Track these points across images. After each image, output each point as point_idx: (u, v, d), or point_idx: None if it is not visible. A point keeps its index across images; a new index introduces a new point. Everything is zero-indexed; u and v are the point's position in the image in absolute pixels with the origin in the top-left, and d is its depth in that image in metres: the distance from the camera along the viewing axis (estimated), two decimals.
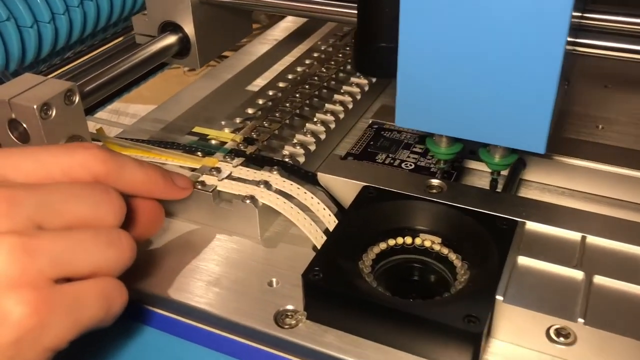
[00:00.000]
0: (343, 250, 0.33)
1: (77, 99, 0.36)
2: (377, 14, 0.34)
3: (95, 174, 0.29)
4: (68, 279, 0.26)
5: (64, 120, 0.35)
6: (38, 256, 0.24)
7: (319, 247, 0.37)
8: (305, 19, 0.69)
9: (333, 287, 0.31)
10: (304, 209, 0.38)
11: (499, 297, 0.30)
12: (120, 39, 0.66)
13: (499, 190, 0.38)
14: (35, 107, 0.34)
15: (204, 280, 0.35)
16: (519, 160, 0.39)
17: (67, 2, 0.52)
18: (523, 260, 0.32)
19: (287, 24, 0.69)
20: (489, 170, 0.39)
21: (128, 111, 1.02)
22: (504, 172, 0.41)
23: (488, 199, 0.36)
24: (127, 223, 0.30)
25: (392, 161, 0.41)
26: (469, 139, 0.32)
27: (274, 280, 0.35)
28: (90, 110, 0.61)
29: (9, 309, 0.24)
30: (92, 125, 0.44)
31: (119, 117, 1.03)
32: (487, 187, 0.38)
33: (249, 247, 0.38)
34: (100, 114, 0.66)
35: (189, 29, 0.45)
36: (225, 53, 0.58)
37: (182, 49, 0.46)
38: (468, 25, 0.29)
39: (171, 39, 0.46)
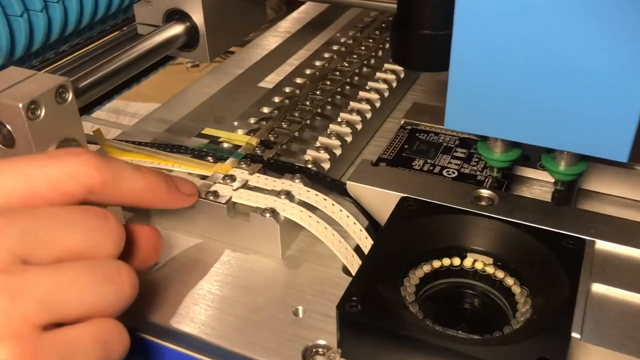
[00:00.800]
0: (382, 275, 0.28)
1: (70, 96, 0.31)
2: None
3: (88, 185, 0.24)
4: (58, 324, 0.21)
5: (55, 121, 0.30)
6: (22, 298, 0.20)
7: (349, 268, 0.32)
8: (316, 12, 0.64)
9: (374, 321, 0.26)
10: (331, 223, 0.33)
11: (575, 335, 0.25)
12: (118, 32, 0.61)
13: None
14: (20, 105, 0.29)
15: (216, 308, 0.30)
16: None
17: None
18: (597, 288, 0.27)
19: (300, 15, 0.64)
20: (545, 179, 0.35)
21: (128, 110, 0.96)
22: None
23: (550, 214, 0.30)
24: (123, 253, 0.25)
25: (431, 168, 0.36)
26: (534, 145, 0.27)
27: (300, 308, 0.30)
28: (86, 110, 0.56)
29: None
30: (88, 127, 0.39)
31: (118, 117, 0.98)
32: (544, 199, 0.33)
33: (268, 268, 0.33)
34: (98, 113, 0.61)
35: (198, 17, 0.40)
36: (232, 48, 0.53)
37: (190, 40, 0.41)
38: (548, 15, 0.24)
39: (178, 29, 0.40)
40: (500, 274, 0.30)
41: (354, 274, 0.32)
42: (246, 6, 0.44)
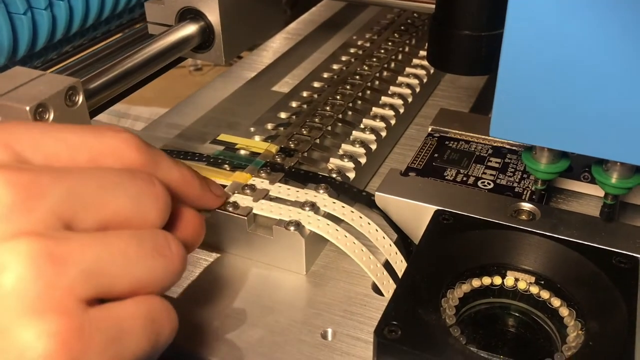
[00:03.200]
0: (421, 296, 0.26)
1: (80, 99, 0.29)
2: None
3: (127, 164, 0.22)
4: (102, 300, 0.19)
5: None
6: (67, 268, 0.18)
7: (379, 286, 0.30)
8: (328, 14, 0.62)
9: (418, 348, 0.23)
10: (358, 236, 0.31)
11: None
12: (121, 35, 0.58)
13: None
14: (27, 108, 0.26)
15: (236, 329, 0.28)
16: None
17: None
18: None
19: (312, 17, 0.62)
20: (586, 193, 0.32)
21: (130, 113, 0.94)
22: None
23: (598, 229, 0.28)
24: (169, 230, 0.23)
25: (464, 178, 0.33)
26: (588, 155, 0.25)
27: (329, 331, 0.28)
28: (91, 114, 0.53)
29: (29, 343, 0.17)
30: None
31: (119, 121, 0.95)
32: (589, 213, 0.31)
33: (292, 285, 0.30)
34: (100, 117, 0.59)
35: (213, 16, 0.38)
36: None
37: (204, 41, 0.39)
38: (604, 19, 0.22)
39: (191, 29, 0.38)
40: (545, 294, 0.28)
41: (384, 292, 0.30)
42: (262, 6, 0.42)
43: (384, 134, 0.38)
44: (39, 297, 0.17)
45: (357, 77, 0.44)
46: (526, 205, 0.30)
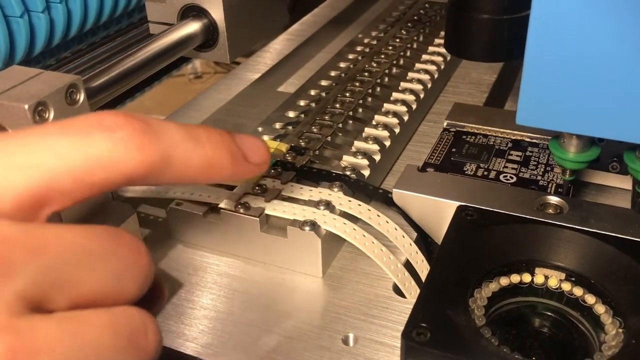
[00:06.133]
0: (449, 296, 0.24)
1: (81, 97, 0.28)
2: None
3: (127, 173, 0.18)
4: None
5: None
6: None
7: (401, 287, 0.29)
8: (332, 14, 0.60)
9: (449, 350, 0.22)
10: (376, 236, 0.29)
11: None
12: (121, 38, 0.57)
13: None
14: (26, 107, 0.25)
15: (252, 336, 0.26)
16: None
17: None
18: None
19: (315, 18, 0.61)
20: (615, 186, 0.31)
21: None
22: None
23: (632, 222, 0.27)
24: None
25: (485, 173, 0.32)
26: (621, 141, 0.24)
27: (351, 336, 0.26)
28: None
29: None
30: None
31: None
32: (620, 205, 0.29)
33: (309, 288, 0.29)
34: None
35: (217, 13, 0.37)
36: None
37: (208, 39, 0.38)
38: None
39: (194, 26, 0.37)
40: (578, 291, 0.26)
41: (406, 294, 0.28)
42: (267, 3, 0.41)
43: (397, 130, 0.37)
44: None
45: (366, 74, 0.42)
46: (553, 199, 0.29)
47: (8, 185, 0.16)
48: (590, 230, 0.27)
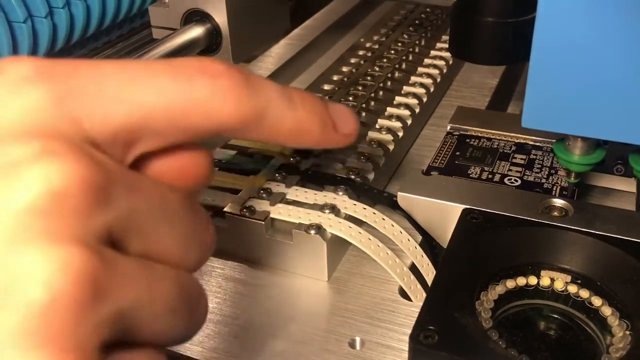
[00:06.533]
0: (456, 299, 0.24)
1: None
2: None
3: (218, 124, 0.17)
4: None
5: None
6: (102, 306, 0.14)
7: (406, 290, 0.29)
8: (332, 20, 0.60)
9: (457, 353, 0.22)
10: (382, 239, 0.29)
11: None
12: (122, 43, 0.57)
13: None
14: None
15: (257, 340, 0.26)
16: None
17: None
18: None
19: (315, 23, 0.61)
20: (620, 189, 0.31)
21: None
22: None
23: (637, 223, 0.27)
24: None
25: (490, 176, 0.32)
26: (628, 143, 0.24)
27: (357, 339, 0.26)
28: None
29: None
30: None
31: None
32: (625, 208, 0.29)
33: (314, 292, 0.29)
34: None
35: (221, 18, 0.37)
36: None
37: (211, 44, 0.38)
38: None
39: (198, 31, 0.37)
40: (584, 294, 0.26)
41: (412, 297, 0.28)
42: (269, 7, 0.41)
43: (401, 133, 0.37)
44: (65, 331, 0.14)
45: (369, 78, 0.42)
46: (558, 201, 0.29)
47: (110, 117, 0.16)
48: (596, 232, 0.27)
